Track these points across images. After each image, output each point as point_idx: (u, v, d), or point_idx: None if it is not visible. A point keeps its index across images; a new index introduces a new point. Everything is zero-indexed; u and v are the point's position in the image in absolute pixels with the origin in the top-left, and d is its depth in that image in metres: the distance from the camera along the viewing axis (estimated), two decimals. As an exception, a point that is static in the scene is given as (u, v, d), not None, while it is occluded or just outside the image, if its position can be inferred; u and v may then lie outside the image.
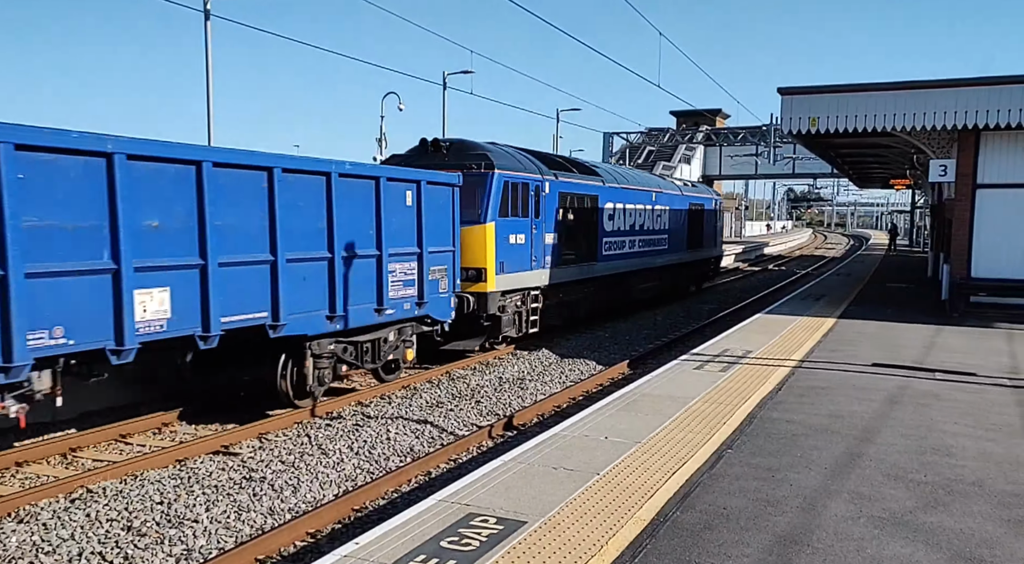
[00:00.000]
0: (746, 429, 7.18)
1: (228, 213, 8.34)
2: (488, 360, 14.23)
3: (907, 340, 12.29)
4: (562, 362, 14.23)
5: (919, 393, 8.67)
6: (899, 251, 47.12)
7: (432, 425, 10.01)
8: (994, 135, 14.96)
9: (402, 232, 11.08)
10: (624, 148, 45.13)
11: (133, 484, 7.62)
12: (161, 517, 6.87)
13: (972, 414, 7.79)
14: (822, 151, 23.74)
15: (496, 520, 5.00)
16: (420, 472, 8.26)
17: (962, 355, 11.00)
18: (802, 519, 5.08)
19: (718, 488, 5.64)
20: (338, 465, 8.39)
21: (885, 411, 7.87)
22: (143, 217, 7.49)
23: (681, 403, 8.14)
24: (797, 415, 7.68)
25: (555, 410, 11.03)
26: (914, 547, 4.66)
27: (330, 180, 9.60)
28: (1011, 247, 14.99)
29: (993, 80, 14.17)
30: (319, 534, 6.69)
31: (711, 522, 5.02)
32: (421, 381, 12.43)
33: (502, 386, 12.31)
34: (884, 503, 5.37)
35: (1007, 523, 5.05)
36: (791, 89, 15.61)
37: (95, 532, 6.54)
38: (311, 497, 7.51)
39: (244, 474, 8.02)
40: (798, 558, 4.50)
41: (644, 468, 6.05)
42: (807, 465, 6.16)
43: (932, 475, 5.96)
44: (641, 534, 4.82)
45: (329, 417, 10.25)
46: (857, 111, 15.05)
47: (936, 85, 14.55)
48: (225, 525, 6.78)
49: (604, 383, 12.77)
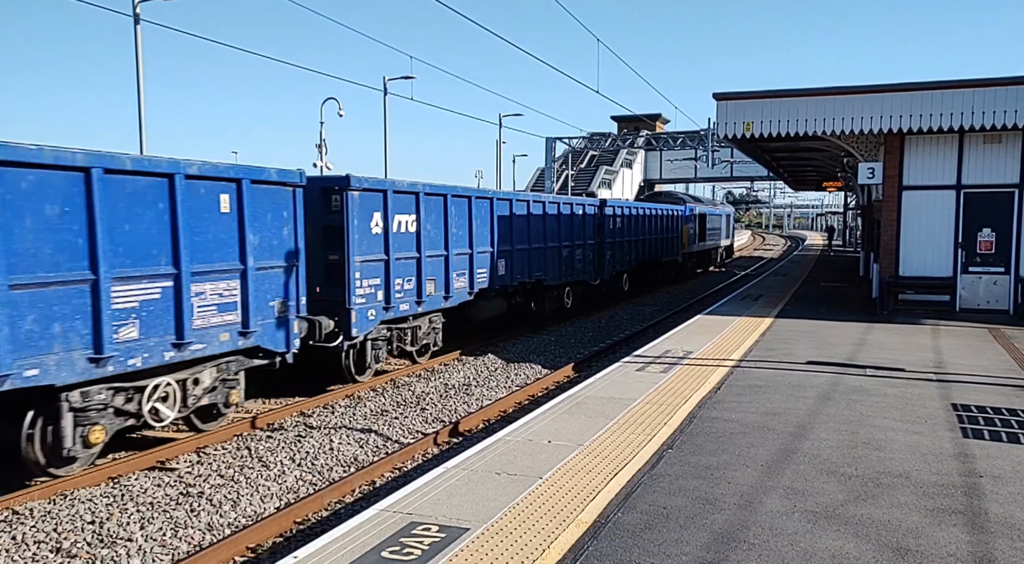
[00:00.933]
0: (686, 429, 7.31)
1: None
2: (433, 367, 14.17)
3: (840, 338, 12.70)
4: (508, 367, 14.26)
5: (850, 389, 8.97)
6: (835, 251, 48.65)
7: (377, 434, 9.91)
8: (918, 139, 15.60)
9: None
10: (567, 153, 45.49)
11: (63, 504, 7.34)
12: (93, 537, 6.64)
13: (900, 408, 8.09)
14: (757, 155, 24.36)
15: (438, 528, 4.98)
16: (364, 482, 8.17)
17: (891, 351, 11.41)
18: (739, 516, 5.19)
19: (658, 488, 5.73)
20: (280, 477, 8.24)
21: (818, 407, 8.11)
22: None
23: (624, 405, 8.24)
24: (735, 414, 7.86)
25: (501, 415, 11.05)
26: (845, 539, 4.82)
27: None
28: (935, 246, 15.65)
29: (916, 86, 14.77)
30: (260, 549, 6.56)
31: (651, 522, 5.09)
32: (365, 389, 12.30)
33: (448, 392, 12.27)
34: (817, 497, 5.53)
35: (931, 513, 5.25)
36: (726, 94, 15.99)
37: (22, 555, 6.28)
38: (252, 511, 7.35)
39: (181, 490, 7.81)
40: (734, 554, 4.60)
41: (586, 471, 6.11)
42: (744, 463, 6.31)
43: (862, 468, 6.17)
44: (583, 536, 4.87)
45: (270, 428, 10.06)
46: (789, 116, 15.52)
47: (863, 90, 15.10)
48: (161, 543, 6.60)
49: (550, 386, 12.85)
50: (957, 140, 15.39)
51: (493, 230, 15.76)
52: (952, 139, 15.41)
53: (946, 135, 15.32)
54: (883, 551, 4.64)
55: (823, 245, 58.89)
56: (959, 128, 14.57)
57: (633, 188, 55.37)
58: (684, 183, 61.13)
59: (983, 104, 14.28)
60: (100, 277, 7.61)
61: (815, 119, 15.37)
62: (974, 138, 15.29)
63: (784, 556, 4.58)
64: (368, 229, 11.95)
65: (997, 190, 15.26)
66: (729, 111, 15.92)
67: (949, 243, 15.57)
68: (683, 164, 53.88)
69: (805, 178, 38.97)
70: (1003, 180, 15.21)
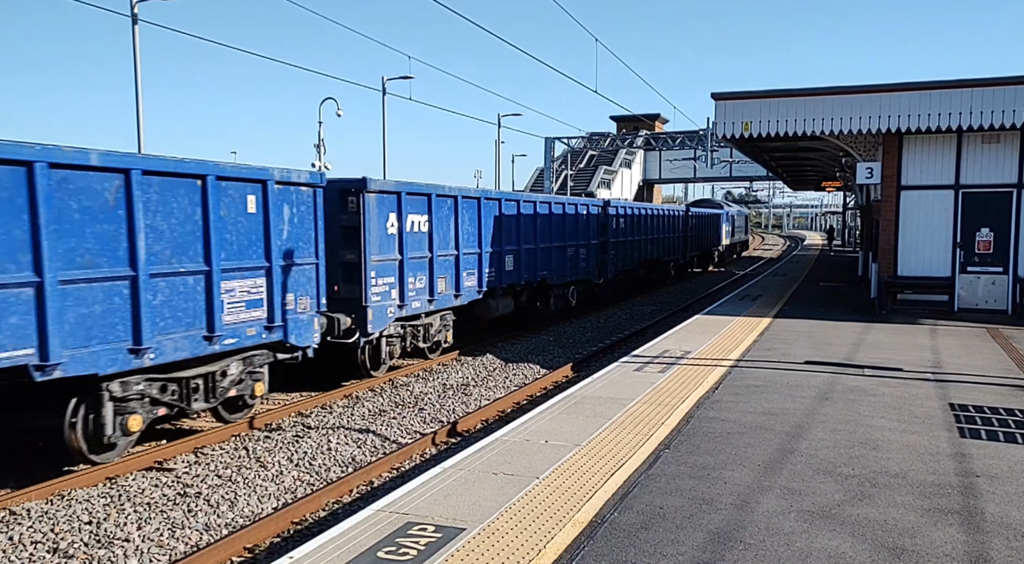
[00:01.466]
0: (684, 429, 7.31)
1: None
2: (432, 367, 14.17)
3: (838, 338, 12.70)
4: (507, 367, 14.26)
5: (848, 389, 8.97)
6: (835, 251, 48.65)
7: (375, 434, 9.91)
8: (916, 138, 15.62)
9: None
10: (566, 153, 45.49)
11: (60, 504, 7.34)
12: (90, 537, 6.64)
13: (897, 408, 8.09)
14: (756, 154, 24.37)
15: (435, 528, 4.98)
16: (362, 482, 8.17)
17: (889, 351, 11.41)
18: (735, 516, 5.19)
19: (655, 488, 5.73)
20: (277, 478, 8.24)
21: (816, 407, 8.11)
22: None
23: (621, 405, 8.24)
24: (733, 414, 7.86)
25: (499, 415, 11.05)
26: (841, 539, 4.82)
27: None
28: (933, 246, 15.66)
29: (914, 86, 14.78)
30: (257, 549, 6.56)
31: (648, 522, 5.09)
32: (363, 389, 12.30)
33: (446, 393, 12.27)
34: (813, 497, 5.53)
35: (928, 512, 5.26)
36: (724, 94, 16.00)
37: (18, 556, 6.28)
38: (249, 511, 7.35)
39: (179, 490, 7.81)
40: (730, 554, 4.60)
41: (583, 471, 6.11)
42: (741, 462, 6.31)
43: (859, 468, 6.17)
44: (579, 536, 4.87)
45: (268, 429, 10.06)
46: (788, 116, 15.53)
47: (862, 90, 15.11)
48: (158, 543, 6.59)
49: (548, 386, 12.85)
50: (955, 140, 15.40)
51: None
52: (950, 139, 15.42)
53: (944, 135, 15.34)
54: (879, 551, 4.65)
55: (822, 245, 58.91)
56: (957, 128, 14.59)
57: (632, 188, 55.38)
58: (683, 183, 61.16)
59: (981, 104, 14.29)
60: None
61: (813, 119, 15.38)
62: (972, 138, 15.30)
63: (780, 556, 4.58)
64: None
65: (995, 190, 15.27)
66: (728, 111, 15.92)
67: (947, 243, 15.58)
68: (682, 164, 53.88)
69: (804, 178, 38.99)
70: (1001, 180, 15.22)
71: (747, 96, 15.89)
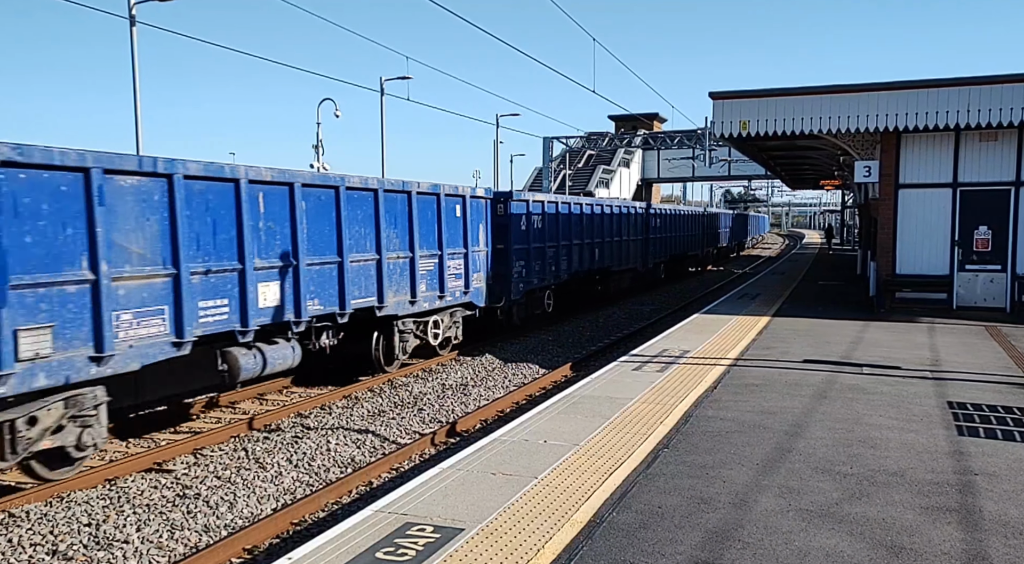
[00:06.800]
0: (682, 428, 7.32)
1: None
2: (431, 367, 14.18)
3: (837, 336, 12.71)
4: (506, 367, 14.27)
5: (847, 387, 8.98)
6: (834, 250, 48.65)
7: (374, 434, 9.91)
8: (914, 137, 15.62)
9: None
10: (564, 152, 45.48)
11: (59, 506, 7.35)
12: (89, 539, 6.64)
13: (896, 406, 8.10)
14: (754, 153, 24.37)
15: (433, 528, 4.98)
16: (361, 482, 8.17)
17: (887, 349, 11.42)
18: (733, 515, 5.20)
19: (654, 487, 5.73)
20: (276, 478, 8.25)
21: (814, 406, 8.12)
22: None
23: (620, 404, 8.25)
24: (731, 412, 7.87)
25: (498, 415, 11.05)
26: (839, 538, 4.83)
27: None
28: (931, 244, 15.67)
29: (912, 84, 14.79)
30: (256, 550, 6.56)
31: (646, 521, 5.10)
32: (362, 390, 12.30)
33: (445, 393, 12.27)
34: (812, 496, 5.54)
35: (926, 511, 5.26)
36: (722, 93, 16.00)
37: (17, 558, 6.28)
38: (248, 512, 7.36)
39: (178, 491, 7.81)
40: (729, 553, 4.61)
41: (582, 470, 6.11)
42: (739, 461, 6.32)
43: (857, 467, 6.18)
44: (577, 536, 4.87)
45: (267, 430, 10.06)
46: (785, 115, 15.53)
47: (859, 89, 15.11)
48: (157, 545, 6.60)
49: (547, 386, 12.85)
50: (953, 138, 15.40)
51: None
52: (948, 137, 15.42)
53: (942, 133, 15.34)
54: (877, 549, 4.65)
55: (821, 243, 58.90)
56: (955, 126, 14.59)
57: (631, 187, 55.35)
58: (681, 182, 61.15)
59: (979, 102, 14.29)
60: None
61: (811, 118, 15.39)
62: (970, 136, 15.30)
63: (778, 555, 4.58)
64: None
65: (993, 188, 15.28)
66: (725, 110, 15.93)
67: (946, 241, 15.59)
68: (681, 163, 53.87)
69: (802, 177, 38.98)
70: (999, 178, 15.23)
71: (745, 95, 15.89)
